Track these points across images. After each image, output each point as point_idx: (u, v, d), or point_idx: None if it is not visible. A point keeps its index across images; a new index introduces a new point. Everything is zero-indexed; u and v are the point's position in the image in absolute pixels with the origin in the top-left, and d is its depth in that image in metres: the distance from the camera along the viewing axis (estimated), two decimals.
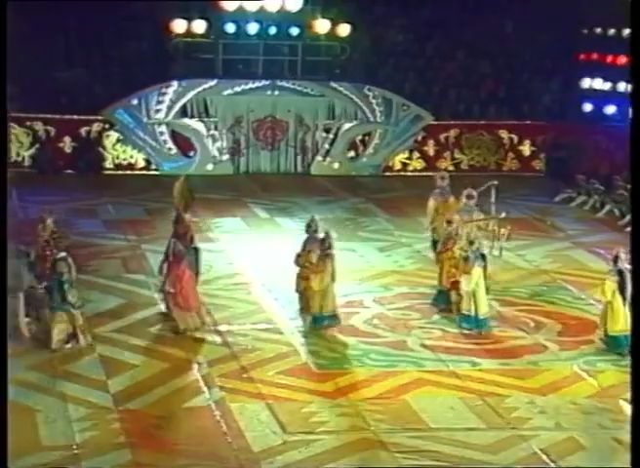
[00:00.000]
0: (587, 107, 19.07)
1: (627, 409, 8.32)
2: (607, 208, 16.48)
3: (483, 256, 11.10)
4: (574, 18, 19.16)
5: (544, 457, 8.32)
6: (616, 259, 10.43)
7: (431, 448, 8.36)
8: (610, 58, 18.50)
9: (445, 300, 11.44)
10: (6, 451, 6.76)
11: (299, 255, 10.95)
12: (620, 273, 10.29)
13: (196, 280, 11.09)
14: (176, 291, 10.55)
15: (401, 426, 8.73)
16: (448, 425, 8.79)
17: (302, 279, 10.82)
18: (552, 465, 8.24)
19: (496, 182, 13.37)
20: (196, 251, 11.49)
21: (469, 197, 12.75)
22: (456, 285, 11.18)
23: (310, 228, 11.05)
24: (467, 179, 18.66)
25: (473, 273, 10.77)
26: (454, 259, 11.28)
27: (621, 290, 10.21)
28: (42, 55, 17.94)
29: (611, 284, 10.28)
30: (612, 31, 18.51)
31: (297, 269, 11.00)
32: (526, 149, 19.58)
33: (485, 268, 11.02)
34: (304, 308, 10.87)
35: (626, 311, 10.07)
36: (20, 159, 18.16)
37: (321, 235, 10.91)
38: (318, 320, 10.72)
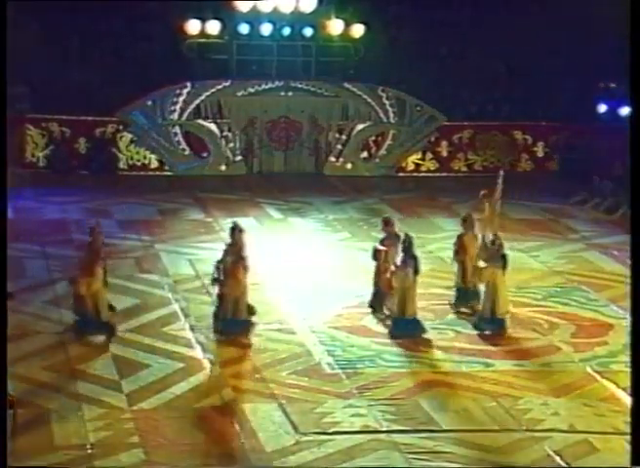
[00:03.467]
0: (602, 108, 18.98)
1: None
2: (621, 209, 16.41)
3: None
4: (590, 18, 19.06)
5: (558, 459, 8.28)
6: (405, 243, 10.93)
7: (444, 450, 8.34)
8: None
9: None
10: (6, 451, 6.79)
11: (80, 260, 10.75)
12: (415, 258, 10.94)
13: None
14: None
15: (414, 427, 8.71)
16: (461, 426, 8.76)
17: (74, 283, 10.65)
18: (565, 467, 8.20)
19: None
20: None
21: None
22: None
23: (93, 232, 10.84)
24: (481, 180, 18.79)
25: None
26: None
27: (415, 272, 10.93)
28: (57, 56, 18.03)
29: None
30: None
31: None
32: (540, 150, 19.51)
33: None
34: (75, 311, 10.64)
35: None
36: (35, 160, 18.27)
37: (89, 239, 10.63)
38: (89, 324, 10.50)
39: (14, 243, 13.42)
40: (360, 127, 18.86)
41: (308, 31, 18.60)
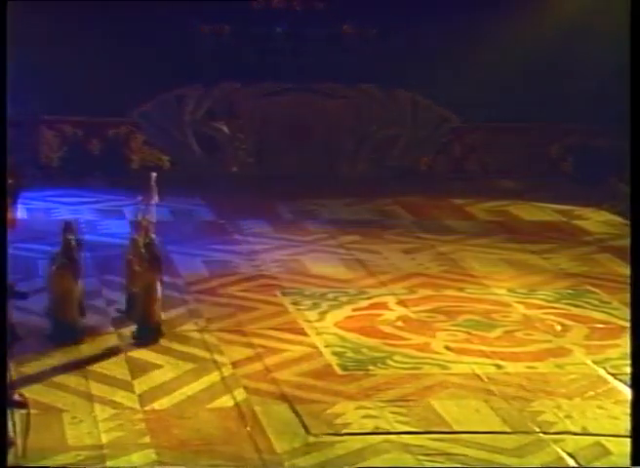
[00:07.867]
0: (618, 110, 18.86)
1: None
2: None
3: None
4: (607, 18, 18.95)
5: (571, 462, 8.25)
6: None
7: (456, 452, 8.32)
8: None
9: None
10: (5, 451, 6.81)
11: None
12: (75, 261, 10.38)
13: None
14: None
15: (425, 428, 8.70)
16: (472, 428, 8.74)
17: None
18: None
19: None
20: None
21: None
22: None
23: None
24: (494, 182, 18.74)
25: None
26: None
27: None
28: (70, 57, 18.09)
29: None
30: None
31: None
32: (554, 151, 19.44)
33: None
34: None
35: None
36: (49, 161, 18.36)
37: None
38: None
39: (27, 243, 13.51)
40: (373, 128, 18.85)
41: (322, 32, 18.62)
